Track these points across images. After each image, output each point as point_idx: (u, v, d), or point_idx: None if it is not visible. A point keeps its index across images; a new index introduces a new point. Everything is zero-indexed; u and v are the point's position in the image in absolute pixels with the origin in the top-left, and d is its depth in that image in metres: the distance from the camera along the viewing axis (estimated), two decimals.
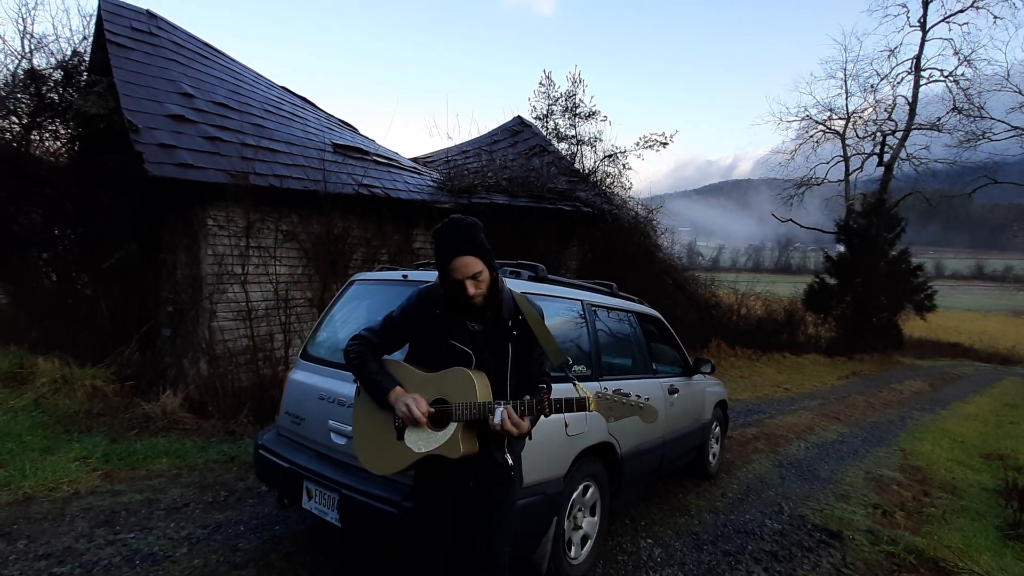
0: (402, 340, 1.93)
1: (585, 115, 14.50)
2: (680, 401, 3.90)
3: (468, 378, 1.73)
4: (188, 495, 3.50)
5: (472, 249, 1.76)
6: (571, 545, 2.73)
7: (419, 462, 1.78)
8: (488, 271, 1.79)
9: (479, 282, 1.77)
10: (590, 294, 3.29)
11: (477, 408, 1.68)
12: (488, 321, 1.85)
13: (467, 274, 1.75)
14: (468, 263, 1.75)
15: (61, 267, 7.64)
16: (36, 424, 4.82)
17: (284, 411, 2.86)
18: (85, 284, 7.41)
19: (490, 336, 1.84)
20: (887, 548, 3.70)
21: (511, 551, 1.89)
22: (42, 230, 7.62)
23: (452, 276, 1.77)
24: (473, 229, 1.81)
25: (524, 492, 2.27)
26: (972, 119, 18.52)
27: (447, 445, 1.71)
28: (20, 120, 7.40)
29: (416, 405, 1.72)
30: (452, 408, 1.72)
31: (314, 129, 7.77)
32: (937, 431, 8.62)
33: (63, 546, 2.76)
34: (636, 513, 3.81)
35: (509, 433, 1.66)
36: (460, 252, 1.76)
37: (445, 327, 1.83)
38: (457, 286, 1.77)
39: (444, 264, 1.78)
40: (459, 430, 1.70)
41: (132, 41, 6.80)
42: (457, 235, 1.78)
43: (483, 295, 1.79)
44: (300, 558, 2.78)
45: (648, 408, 1.63)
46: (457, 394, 1.73)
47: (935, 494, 5.43)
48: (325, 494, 2.40)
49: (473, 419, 1.68)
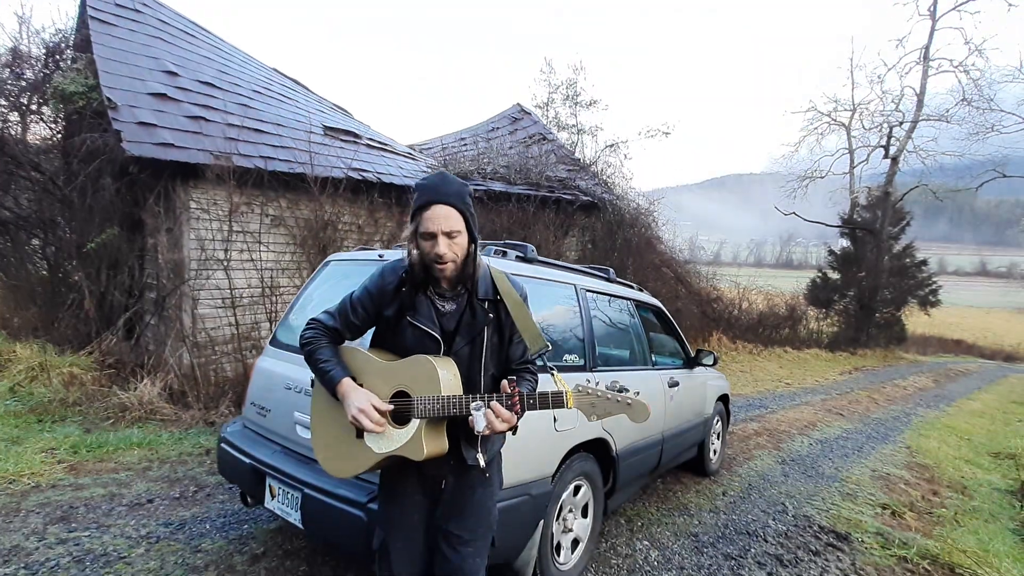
0: (363, 324, 1.67)
1: (586, 104, 14.24)
2: (681, 395, 3.67)
3: (431, 368, 1.48)
4: (154, 490, 3.28)
5: (456, 202, 1.51)
6: (560, 549, 2.51)
7: (382, 464, 1.55)
8: (468, 240, 1.55)
9: (454, 244, 1.51)
10: (585, 279, 3.05)
11: (441, 403, 1.43)
12: (461, 301, 1.61)
13: (443, 228, 1.49)
14: (447, 214, 1.50)
15: (50, 254, 7.41)
16: (8, 412, 4.63)
17: (250, 401, 2.64)
18: (71, 271, 7.19)
19: (462, 319, 1.59)
20: (899, 552, 3.49)
21: (487, 562, 1.67)
22: (29, 215, 7.39)
23: (425, 227, 1.50)
24: (463, 187, 1.56)
25: (507, 493, 2.05)
26: (981, 111, 18.15)
27: (409, 446, 1.47)
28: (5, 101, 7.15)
29: (367, 414, 1.47)
30: (413, 404, 1.48)
31: (304, 111, 7.51)
32: (943, 428, 8.42)
33: (11, 544, 2.54)
34: (632, 512, 3.60)
35: (498, 433, 1.43)
36: (440, 200, 1.50)
37: (411, 307, 1.59)
38: (428, 241, 1.51)
39: (420, 212, 1.51)
40: (422, 428, 1.46)
41: (115, 17, 6.54)
42: (444, 184, 1.53)
43: (455, 264, 1.53)
44: (265, 560, 2.56)
45: (638, 405, 1.37)
46: (419, 387, 1.48)
47: (944, 494, 5.22)
48: (288, 492, 2.19)
49: (437, 416, 1.44)
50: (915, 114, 18.10)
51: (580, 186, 10.10)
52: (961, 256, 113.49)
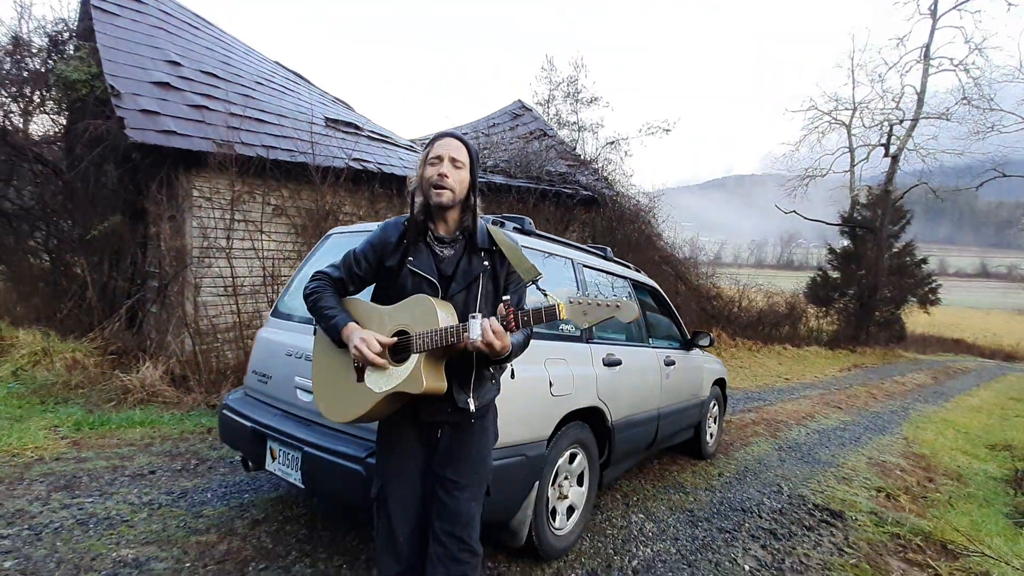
0: (366, 275, 1.72)
1: (587, 101, 14.24)
2: (677, 374, 3.71)
3: (430, 305, 1.54)
4: (156, 463, 3.33)
5: (464, 142, 1.66)
6: (555, 514, 2.55)
7: (382, 406, 1.59)
8: (469, 182, 1.66)
9: (456, 173, 1.62)
10: (582, 254, 3.09)
11: (440, 335, 1.48)
12: (459, 247, 1.67)
13: (450, 154, 1.62)
14: (456, 145, 1.64)
15: (52, 245, 7.45)
16: (11, 394, 4.67)
17: (251, 370, 2.69)
18: (73, 261, 7.23)
19: (459, 265, 1.65)
20: (892, 529, 3.52)
21: (483, 511, 1.70)
22: (32, 207, 7.43)
23: (434, 152, 1.63)
24: (471, 145, 1.70)
25: (503, 452, 2.09)
26: (982, 111, 18.18)
27: (408, 380, 1.51)
28: (5, 92, 7.20)
29: (368, 343, 1.53)
30: (412, 338, 1.53)
31: (306, 103, 7.56)
32: (940, 422, 8.44)
33: (15, 508, 2.59)
34: (628, 488, 3.64)
35: (492, 347, 1.44)
36: (451, 135, 1.67)
37: (411, 255, 1.65)
38: (433, 166, 1.62)
39: (432, 143, 1.65)
40: (421, 363, 1.50)
41: (118, 7, 6.60)
42: (455, 132, 1.70)
43: (453, 195, 1.62)
44: (265, 525, 2.60)
45: (626, 305, 1.42)
46: (419, 324, 1.53)
47: (940, 480, 5.26)
48: (288, 454, 2.23)
49: (436, 346, 1.48)
50: (915, 112, 18.14)
51: (580, 181, 10.14)
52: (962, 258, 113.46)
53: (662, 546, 2.85)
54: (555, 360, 2.46)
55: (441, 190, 1.60)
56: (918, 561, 3.14)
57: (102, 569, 2.13)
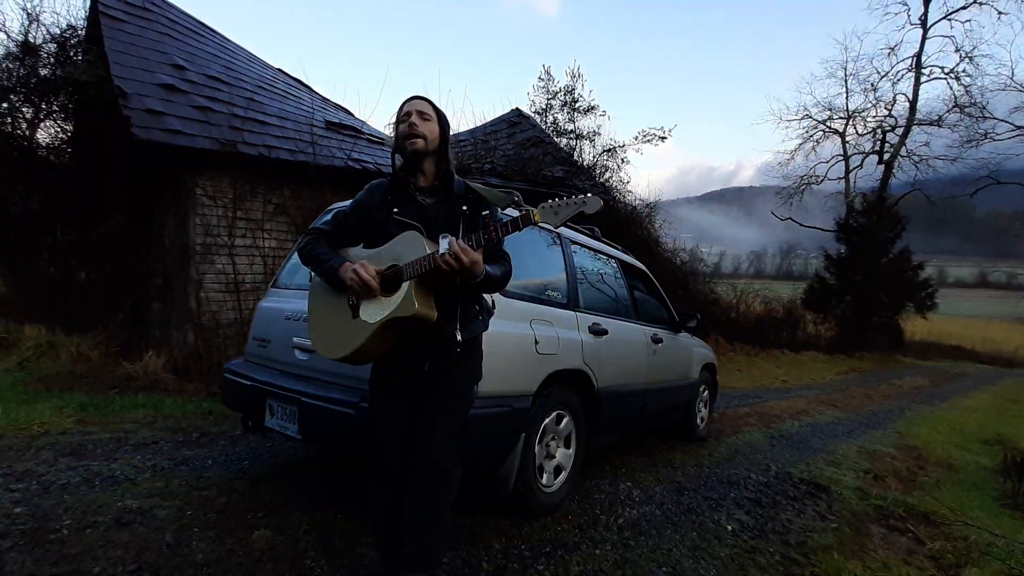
0: (355, 230, 1.87)
1: (584, 110, 14.47)
2: (664, 352, 3.83)
3: (417, 238, 1.68)
4: (159, 435, 3.44)
5: (429, 100, 1.85)
6: (543, 472, 2.64)
7: (377, 338, 1.70)
8: (439, 132, 1.82)
9: (424, 124, 1.79)
10: (570, 231, 3.23)
11: (427, 260, 1.60)
12: (439, 196, 1.83)
13: (416, 108, 1.81)
14: (422, 105, 1.83)
15: (59, 252, 7.58)
16: (16, 382, 4.79)
17: (252, 337, 2.82)
18: (76, 265, 7.36)
19: (440, 210, 1.80)
20: (876, 502, 3.60)
21: (461, 442, 1.80)
22: (40, 213, 7.58)
23: (403, 110, 1.82)
24: (437, 105, 1.86)
25: (489, 402, 2.21)
26: (974, 119, 18.46)
27: (401, 305, 1.64)
28: (15, 97, 7.41)
29: (364, 268, 1.67)
30: (402, 267, 1.66)
31: (307, 107, 7.77)
32: (935, 420, 8.49)
33: (23, 469, 2.70)
34: (617, 462, 3.73)
35: (460, 262, 1.55)
36: (417, 96, 1.86)
37: (396, 205, 1.80)
38: (403, 123, 1.79)
39: (399, 110, 1.84)
40: (412, 288, 1.63)
41: (126, 14, 6.82)
42: (420, 95, 1.88)
43: (425, 142, 1.78)
44: (264, 484, 2.71)
45: (591, 200, 1.56)
46: (409, 255, 1.67)
47: (930, 469, 5.31)
48: (286, 408, 2.34)
49: (424, 270, 1.60)
50: (908, 119, 18.41)
51: (577, 185, 10.32)
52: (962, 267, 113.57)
53: (648, 509, 2.94)
54: (541, 321, 2.59)
55: (414, 139, 1.77)
56: (899, 527, 3.22)
57: (108, 515, 2.23)
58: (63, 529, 2.10)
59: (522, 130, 12.46)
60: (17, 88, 7.29)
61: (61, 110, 7.45)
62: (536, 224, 1.57)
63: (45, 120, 7.62)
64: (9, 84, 7.22)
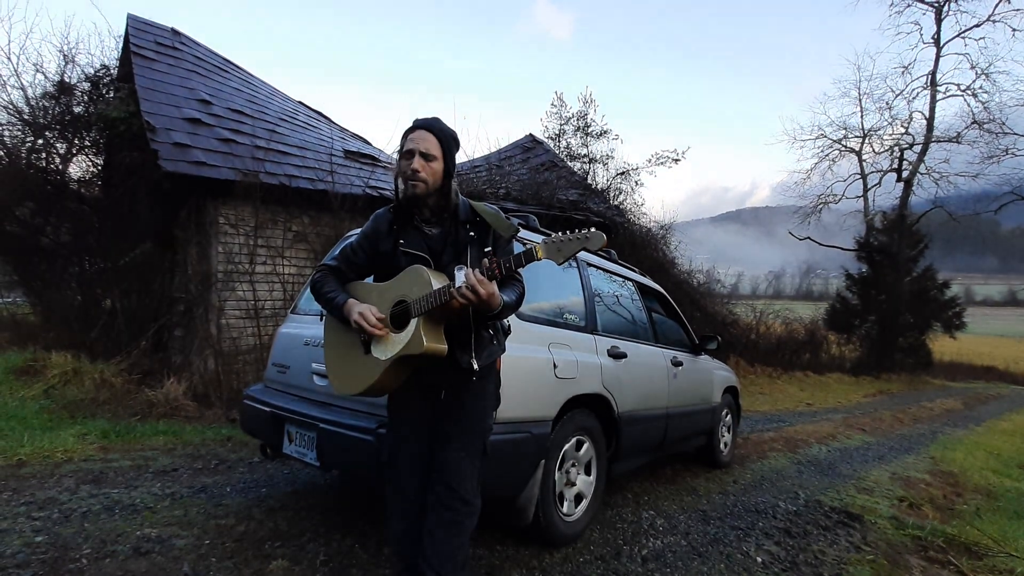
0: (363, 264, 1.86)
1: (597, 134, 14.61)
2: (685, 375, 3.75)
3: (424, 274, 1.65)
4: (179, 463, 3.45)
5: (436, 130, 1.74)
6: (563, 500, 2.58)
7: (390, 374, 1.69)
8: (443, 170, 1.75)
9: (428, 166, 1.71)
10: (586, 254, 3.22)
11: (434, 295, 1.59)
12: (445, 224, 1.80)
13: (419, 147, 1.70)
14: (425, 137, 1.72)
15: (86, 280, 7.77)
16: (42, 409, 4.86)
17: (271, 363, 2.83)
18: (105, 293, 7.53)
19: (447, 239, 1.77)
20: (913, 532, 3.44)
21: (482, 472, 1.78)
22: (70, 244, 7.80)
23: (405, 145, 1.73)
24: (447, 128, 1.78)
25: (508, 428, 2.17)
26: (994, 135, 18.20)
27: (411, 343, 1.62)
28: (50, 133, 7.73)
29: (365, 315, 1.66)
30: (410, 304, 1.64)
31: (327, 137, 7.97)
32: (971, 444, 8.17)
33: (45, 497, 2.71)
34: (639, 489, 3.63)
35: (477, 295, 1.53)
36: (422, 126, 1.74)
37: (402, 238, 1.78)
38: (405, 159, 1.72)
39: (405, 136, 1.75)
40: (420, 325, 1.61)
41: (156, 53, 7.12)
42: (432, 119, 1.78)
43: (426, 186, 1.71)
44: (282, 512, 2.69)
45: (595, 235, 1.51)
46: (415, 292, 1.65)
47: (968, 495, 5.09)
48: (304, 435, 2.33)
49: (431, 307, 1.59)
50: (926, 136, 18.21)
51: (592, 208, 10.35)
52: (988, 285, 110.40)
53: (672, 539, 2.85)
54: (559, 345, 2.56)
55: (415, 183, 1.70)
56: (940, 559, 3.07)
57: (127, 544, 2.22)
58: (82, 559, 2.09)
59: (536, 155, 12.60)
60: (52, 125, 7.62)
61: (93, 145, 7.75)
62: (538, 259, 1.53)
63: (78, 155, 7.95)
64: (45, 121, 7.56)
